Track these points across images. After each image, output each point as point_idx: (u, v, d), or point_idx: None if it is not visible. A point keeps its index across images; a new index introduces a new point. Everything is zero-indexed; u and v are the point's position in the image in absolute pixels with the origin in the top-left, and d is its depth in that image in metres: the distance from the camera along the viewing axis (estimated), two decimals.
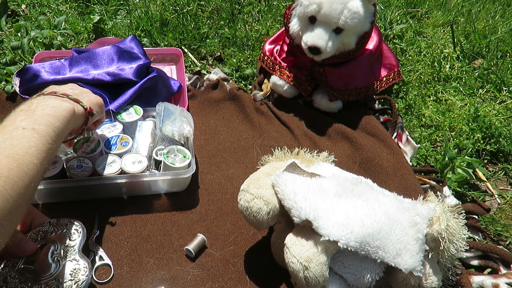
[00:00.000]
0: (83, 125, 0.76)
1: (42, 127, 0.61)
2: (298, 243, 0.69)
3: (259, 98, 1.19)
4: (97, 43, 1.19)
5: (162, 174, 0.88)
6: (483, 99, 1.30)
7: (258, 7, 1.50)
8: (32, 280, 0.67)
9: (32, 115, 0.62)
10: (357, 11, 0.97)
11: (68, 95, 0.71)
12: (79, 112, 0.71)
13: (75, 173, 0.84)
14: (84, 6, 1.43)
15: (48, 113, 0.64)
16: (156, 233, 0.86)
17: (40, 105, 0.65)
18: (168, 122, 0.93)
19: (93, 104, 0.76)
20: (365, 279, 0.71)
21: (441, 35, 1.51)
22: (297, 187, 0.74)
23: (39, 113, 0.63)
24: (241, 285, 0.81)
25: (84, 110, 0.73)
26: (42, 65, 1.03)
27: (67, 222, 0.74)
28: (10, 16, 1.33)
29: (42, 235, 0.72)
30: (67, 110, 0.67)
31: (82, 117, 0.73)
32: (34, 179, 0.57)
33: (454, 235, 0.72)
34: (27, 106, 0.64)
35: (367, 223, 0.70)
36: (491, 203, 1.04)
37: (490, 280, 0.83)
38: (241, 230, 0.89)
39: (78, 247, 0.72)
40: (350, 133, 1.10)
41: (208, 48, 1.33)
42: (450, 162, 1.04)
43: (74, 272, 0.69)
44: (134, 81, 1.03)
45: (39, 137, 0.60)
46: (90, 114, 0.75)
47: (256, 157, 1.04)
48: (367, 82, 1.15)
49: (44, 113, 0.63)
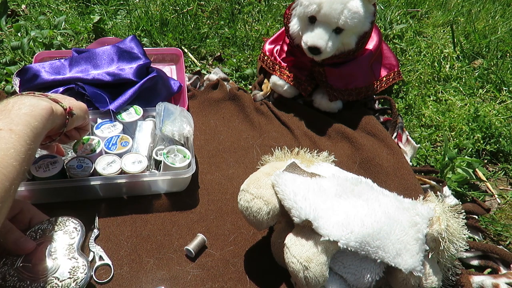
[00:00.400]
0: (62, 127, 0.73)
1: (19, 127, 0.59)
2: (298, 243, 0.69)
3: (259, 98, 1.19)
4: (97, 43, 1.19)
5: (162, 174, 0.88)
6: (483, 99, 1.30)
7: (258, 7, 1.50)
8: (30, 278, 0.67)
9: (8, 115, 0.60)
10: (357, 11, 0.97)
11: (46, 95, 0.69)
12: (57, 111, 0.69)
13: (75, 173, 0.84)
14: (84, 6, 1.43)
15: (25, 112, 0.61)
16: (156, 233, 0.86)
17: (16, 104, 0.62)
18: (168, 122, 0.93)
19: (74, 106, 0.74)
20: (365, 279, 0.71)
21: (441, 35, 1.51)
22: (297, 187, 0.74)
23: (16, 113, 0.60)
24: (241, 285, 0.81)
25: (64, 110, 0.71)
26: (42, 65, 1.03)
27: (66, 220, 0.74)
28: (10, 16, 1.33)
29: (40, 233, 0.72)
30: (45, 109, 0.64)
31: (61, 117, 0.70)
32: (14, 181, 0.56)
33: (454, 235, 0.72)
34: (3, 106, 0.62)
35: (367, 223, 0.70)
36: (491, 203, 1.04)
37: (490, 280, 0.83)
38: (241, 230, 0.89)
39: (77, 245, 0.72)
40: (350, 133, 1.10)
41: (208, 48, 1.33)
42: (450, 162, 1.04)
43: (73, 270, 0.69)
44: (134, 81, 1.03)
45: (17, 138, 0.57)
46: (69, 114, 0.72)
47: (256, 157, 1.04)
48: (367, 82, 1.15)
49: (21, 113, 0.61)
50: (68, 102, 0.74)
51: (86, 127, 0.84)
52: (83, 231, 0.74)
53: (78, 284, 0.68)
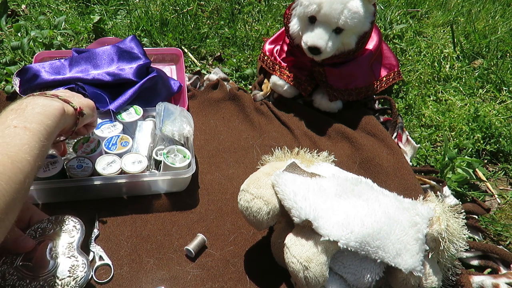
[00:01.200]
0: (73, 126, 0.75)
1: (33, 125, 0.61)
2: (298, 243, 0.69)
3: (259, 98, 1.19)
4: (97, 43, 1.19)
5: (162, 174, 0.88)
6: (483, 99, 1.30)
7: (258, 7, 1.50)
8: (30, 277, 0.67)
9: (23, 114, 0.62)
10: (357, 11, 0.97)
11: (57, 95, 0.71)
12: (69, 111, 0.72)
13: (75, 173, 0.84)
14: (84, 6, 1.43)
15: (38, 112, 0.64)
16: (156, 233, 0.86)
17: (30, 104, 0.65)
18: (168, 122, 0.93)
19: (83, 105, 0.77)
20: (365, 279, 0.71)
21: (441, 35, 1.51)
22: (297, 187, 0.74)
23: (30, 112, 0.63)
24: (241, 285, 0.81)
25: (74, 110, 0.73)
26: (42, 65, 1.03)
27: (66, 219, 0.74)
28: (10, 16, 1.33)
29: (40, 232, 0.72)
30: (57, 109, 0.67)
31: (72, 117, 0.73)
32: (28, 175, 0.58)
33: (454, 235, 0.72)
34: (17, 105, 0.64)
35: (367, 223, 0.70)
36: (491, 203, 1.04)
37: (490, 280, 0.83)
38: (241, 230, 0.89)
39: (76, 243, 0.72)
40: (350, 133, 1.10)
41: (208, 48, 1.33)
42: (450, 162, 1.04)
43: (73, 269, 0.69)
44: (134, 81, 1.03)
45: (31, 135, 0.60)
46: (80, 114, 0.75)
47: (256, 157, 1.04)
48: (367, 82, 1.15)
49: (35, 112, 0.64)
50: (77, 101, 0.76)
51: (93, 124, 0.85)
52: (83, 229, 0.74)
53: (78, 283, 0.68)
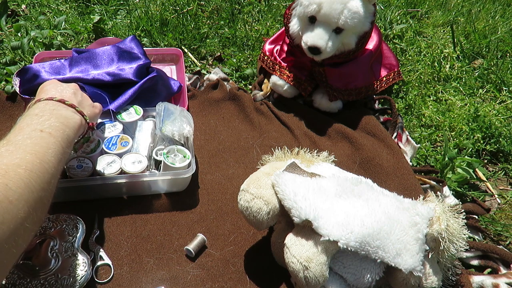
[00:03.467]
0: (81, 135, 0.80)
1: (57, 133, 0.66)
2: (298, 243, 0.69)
3: (259, 98, 1.19)
4: (97, 43, 1.19)
5: (162, 174, 0.88)
6: (483, 99, 1.30)
7: (258, 7, 1.50)
8: (31, 275, 0.67)
9: (47, 121, 0.66)
10: (357, 11, 0.97)
11: (74, 106, 0.74)
12: (83, 124, 0.76)
13: (75, 173, 0.84)
14: (84, 6, 1.43)
15: (62, 122, 0.69)
16: (156, 233, 0.86)
17: (53, 115, 0.68)
18: (168, 122, 0.93)
19: (92, 118, 0.81)
20: (365, 279, 0.71)
21: (441, 35, 1.51)
22: (297, 187, 0.74)
23: (53, 121, 0.67)
24: (241, 285, 0.81)
25: (87, 123, 0.78)
26: (42, 65, 1.03)
27: (67, 218, 0.74)
28: (10, 16, 1.33)
29: (41, 231, 0.72)
30: (77, 123, 0.72)
31: (84, 128, 0.78)
32: (53, 176, 0.61)
33: (454, 235, 0.72)
34: (39, 111, 0.68)
35: (367, 223, 0.70)
36: (491, 203, 1.04)
37: (490, 280, 0.83)
38: (241, 230, 0.89)
39: (77, 242, 0.72)
40: (350, 133, 1.10)
41: (208, 48, 1.33)
42: (450, 162, 1.04)
43: (73, 268, 0.69)
44: (134, 81, 1.03)
45: (54, 141, 0.64)
46: (90, 128, 0.80)
47: (256, 157, 1.04)
48: (367, 82, 1.15)
49: (59, 122, 0.68)
50: (89, 112, 0.80)
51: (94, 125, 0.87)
52: (83, 228, 0.74)
53: (78, 281, 0.69)
